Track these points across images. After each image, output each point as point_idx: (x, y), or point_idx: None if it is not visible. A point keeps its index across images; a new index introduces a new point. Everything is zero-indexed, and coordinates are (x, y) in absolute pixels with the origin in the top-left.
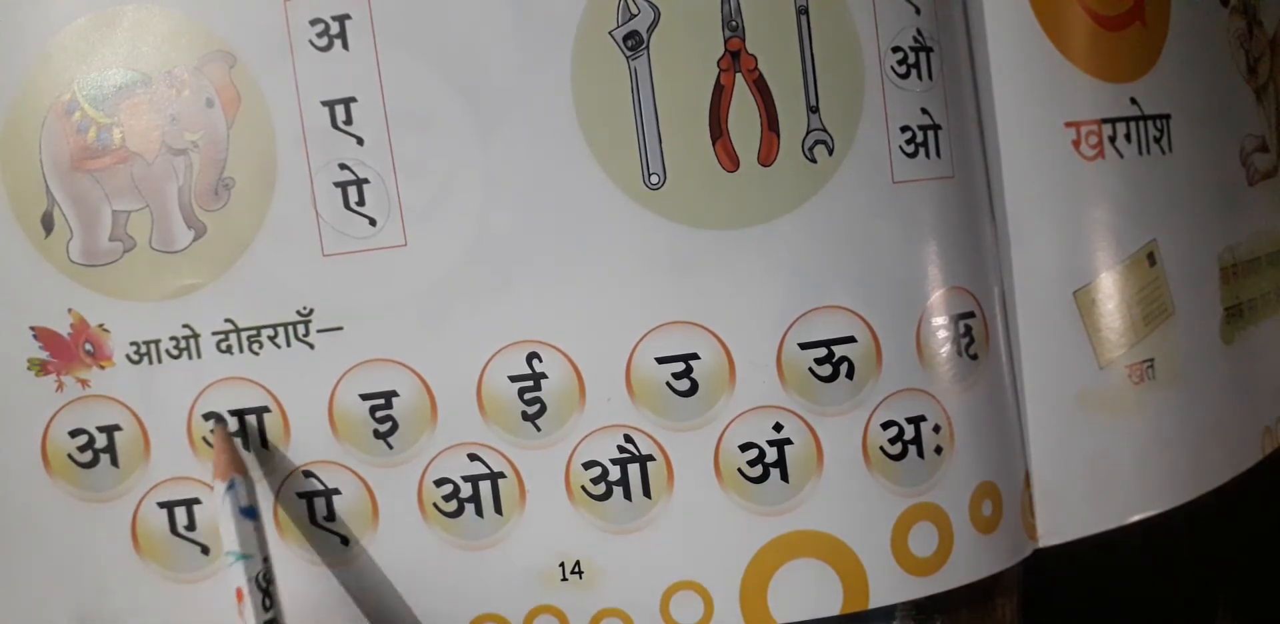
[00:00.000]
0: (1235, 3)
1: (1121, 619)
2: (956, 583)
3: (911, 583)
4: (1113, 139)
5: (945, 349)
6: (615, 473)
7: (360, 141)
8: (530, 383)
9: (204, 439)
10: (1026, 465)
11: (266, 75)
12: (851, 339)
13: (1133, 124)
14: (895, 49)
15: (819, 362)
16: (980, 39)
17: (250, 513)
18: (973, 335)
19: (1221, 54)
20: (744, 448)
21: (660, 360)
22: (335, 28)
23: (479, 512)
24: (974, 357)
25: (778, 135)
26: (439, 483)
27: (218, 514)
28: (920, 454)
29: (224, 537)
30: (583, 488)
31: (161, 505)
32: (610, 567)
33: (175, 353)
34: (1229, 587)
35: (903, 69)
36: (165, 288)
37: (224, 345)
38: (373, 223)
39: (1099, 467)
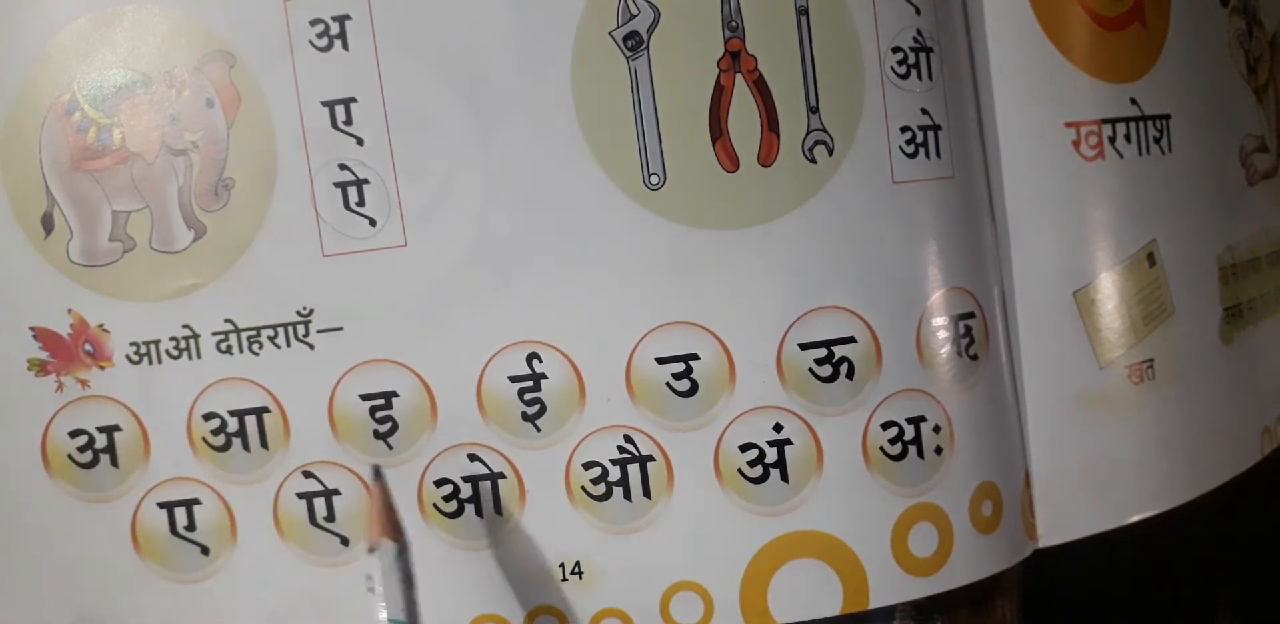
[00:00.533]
0: (1235, 3)
1: (1121, 619)
2: (956, 583)
3: (911, 583)
4: (1113, 139)
5: (945, 349)
6: (615, 473)
7: (360, 142)
8: (530, 383)
9: (204, 440)
10: (1026, 465)
11: (266, 75)
12: (851, 339)
13: (1133, 124)
14: (895, 49)
15: (819, 362)
16: (980, 39)
17: (413, 581)
18: (973, 335)
19: (1221, 54)
20: (744, 448)
21: (660, 360)
22: (335, 28)
23: (479, 512)
24: (974, 357)
25: (778, 135)
26: (439, 483)
27: (381, 575)
28: (920, 454)
29: (392, 605)
30: (583, 488)
31: (161, 506)
32: (610, 567)
33: (175, 353)
34: (1229, 587)
35: (903, 69)
36: (165, 288)
37: (224, 346)
38: (373, 223)
39: (1099, 467)
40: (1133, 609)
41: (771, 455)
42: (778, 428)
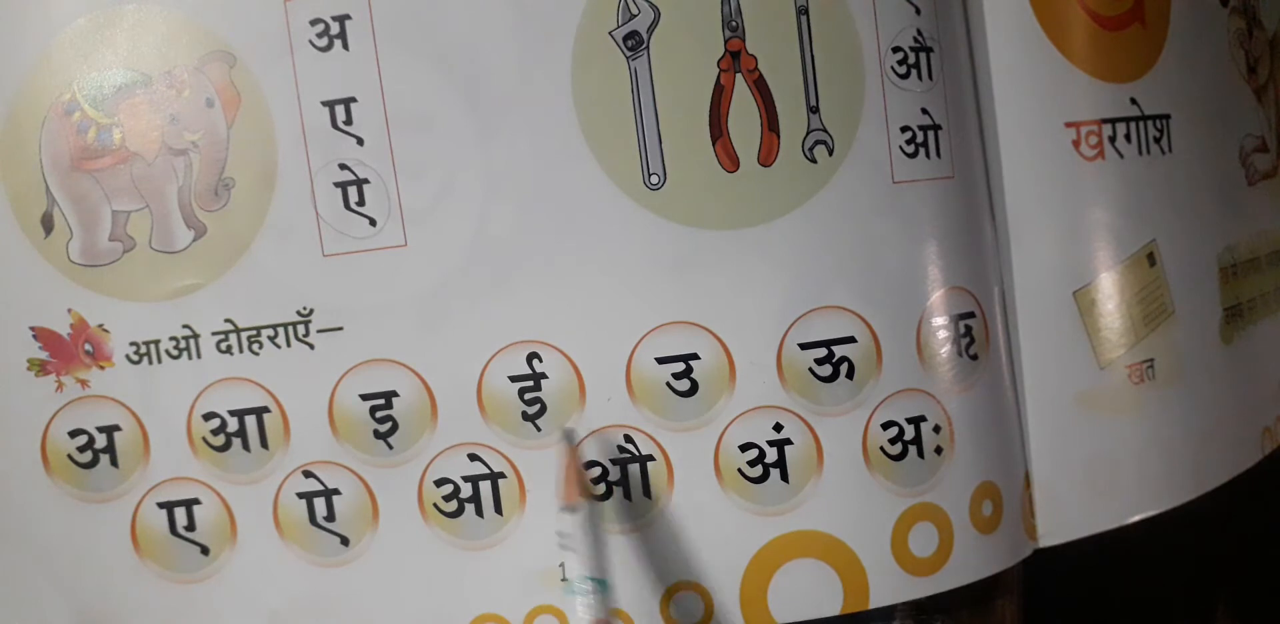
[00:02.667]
0: (1235, 3)
1: (1121, 619)
2: (956, 583)
3: (911, 583)
4: (1113, 139)
5: (945, 349)
6: (615, 473)
7: (360, 141)
8: (530, 383)
9: (204, 440)
10: (1026, 465)
11: (266, 75)
12: (851, 339)
13: (1133, 124)
14: (895, 49)
15: (819, 362)
16: (980, 39)
17: (606, 541)
18: (973, 335)
19: (1221, 54)
20: (744, 448)
21: (660, 360)
22: (335, 28)
23: (479, 512)
24: (974, 357)
25: (778, 135)
26: (439, 483)
27: (575, 535)
28: (920, 454)
29: (587, 561)
30: None
31: (161, 506)
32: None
33: (175, 353)
34: (1229, 587)
35: (903, 69)
36: (165, 288)
37: (224, 345)
38: (373, 223)
39: (1099, 467)
40: (1133, 609)
41: (771, 455)
42: (778, 428)
